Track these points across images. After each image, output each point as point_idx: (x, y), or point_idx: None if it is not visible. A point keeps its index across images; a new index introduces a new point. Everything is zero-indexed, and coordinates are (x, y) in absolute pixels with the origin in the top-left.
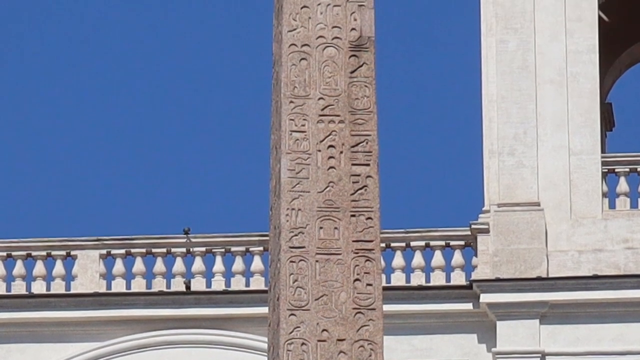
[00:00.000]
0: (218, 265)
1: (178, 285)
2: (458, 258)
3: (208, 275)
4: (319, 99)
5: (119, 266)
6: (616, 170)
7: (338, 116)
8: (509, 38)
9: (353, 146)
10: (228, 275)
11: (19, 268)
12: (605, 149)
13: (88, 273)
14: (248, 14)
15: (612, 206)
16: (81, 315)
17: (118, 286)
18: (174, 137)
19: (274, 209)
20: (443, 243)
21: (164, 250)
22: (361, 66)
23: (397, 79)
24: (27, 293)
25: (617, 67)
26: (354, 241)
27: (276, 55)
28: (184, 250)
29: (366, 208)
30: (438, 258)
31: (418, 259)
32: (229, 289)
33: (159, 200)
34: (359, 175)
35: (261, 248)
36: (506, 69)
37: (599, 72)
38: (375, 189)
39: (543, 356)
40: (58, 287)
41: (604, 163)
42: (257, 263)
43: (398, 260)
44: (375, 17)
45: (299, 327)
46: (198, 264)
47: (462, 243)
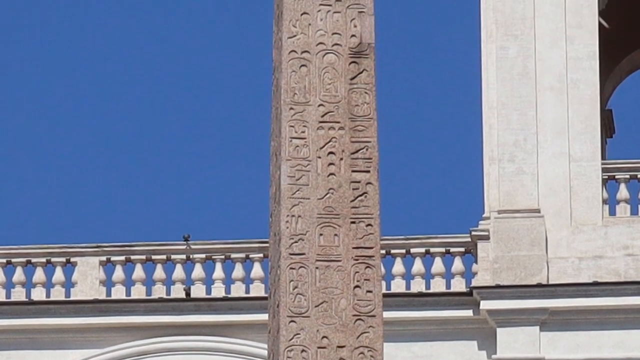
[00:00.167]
0: (218, 272)
1: (178, 292)
2: (458, 265)
3: (208, 282)
4: (319, 106)
5: (119, 273)
6: (616, 177)
7: (338, 123)
8: (509, 44)
9: (353, 153)
10: (228, 282)
11: (19, 275)
12: (605, 156)
13: (88, 280)
14: (248, 21)
15: (613, 213)
16: (81, 322)
17: (118, 293)
18: (174, 144)
19: (274, 216)
20: (443, 250)
21: (164, 257)
22: (361, 73)
23: (397, 86)
24: (27, 300)
25: (618, 74)
26: (354, 248)
27: (276, 61)
28: (184, 257)
29: (366, 215)
30: (438, 265)
31: (418, 266)
32: (229, 296)
33: (159, 207)
34: (359, 181)
35: (261, 255)
36: (506, 76)
37: (599, 79)
38: (375, 196)
39: None
40: (58, 294)
41: (604, 170)
42: (257, 270)
43: (398, 267)
44: (375, 24)
45: (299, 334)
46: (198, 271)
47: (462, 250)
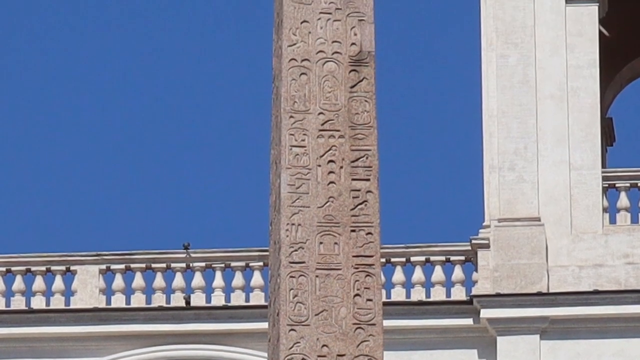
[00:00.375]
0: (218, 280)
1: (178, 300)
2: (458, 273)
3: (208, 290)
4: (319, 114)
5: (119, 281)
6: (617, 185)
7: (338, 131)
8: (510, 53)
9: (353, 161)
10: (228, 290)
11: (19, 283)
12: (605, 164)
13: (88, 288)
14: (248, 29)
15: (613, 221)
16: (81, 330)
17: (118, 301)
18: (174, 152)
19: (274, 224)
20: (443, 258)
21: (164, 265)
22: (361, 81)
23: (398, 94)
24: (27, 308)
25: (618, 82)
26: (354, 256)
27: (276, 70)
28: (184, 265)
29: (366, 223)
30: (438, 273)
31: (418, 274)
32: (229, 304)
33: (159, 215)
34: (359, 190)
35: (261, 263)
36: (506, 84)
37: (600, 87)
38: (375, 204)
39: None
40: (57, 303)
41: (605, 178)
42: (257, 278)
43: (398, 275)
44: (375, 32)
45: (299, 343)
46: (198, 279)
47: (463, 258)
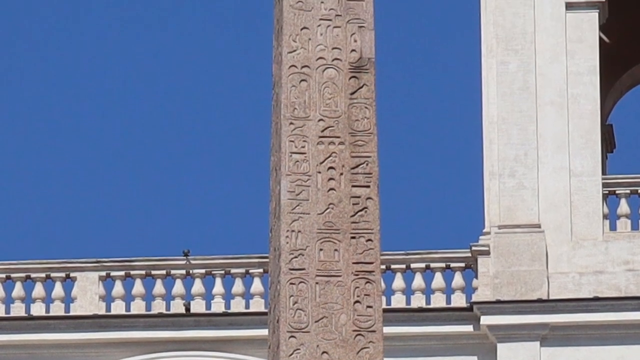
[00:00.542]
0: (218, 287)
1: (178, 307)
2: (458, 280)
3: (208, 297)
4: (319, 121)
5: (119, 288)
6: (617, 192)
7: (338, 138)
8: (510, 59)
9: (353, 168)
10: (228, 297)
11: (18, 290)
12: (606, 171)
13: (87, 295)
14: (248, 35)
15: (613, 228)
16: (80, 337)
17: (117, 308)
18: (174, 158)
19: (274, 231)
20: (443, 265)
21: (164, 272)
22: (361, 87)
23: (398, 101)
24: (26, 315)
25: (618, 89)
26: (354, 263)
27: (276, 76)
28: (184, 272)
29: (366, 230)
30: (438, 280)
31: (418, 281)
32: (229, 311)
33: (159, 222)
34: (359, 197)
35: (261, 270)
36: (507, 90)
37: (600, 94)
38: (375, 211)
39: None
40: (57, 309)
41: (605, 185)
42: (257, 285)
43: (398, 282)
44: (375, 39)
45: (299, 350)
46: (198, 286)
47: (463, 265)
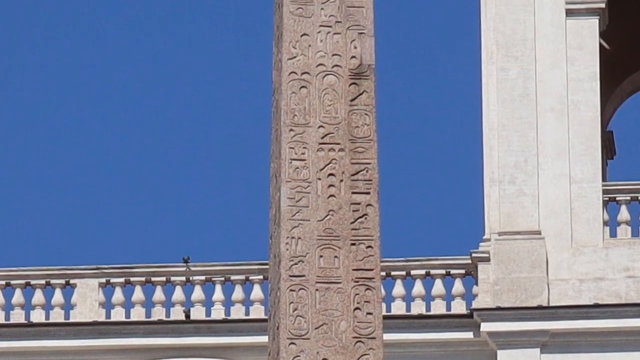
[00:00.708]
0: (218, 293)
1: (177, 314)
2: (458, 287)
3: (208, 303)
4: (319, 127)
5: (119, 295)
6: (617, 198)
7: (338, 144)
8: (510, 66)
9: (353, 174)
10: (228, 303)
11: (18, 297)
12: (606, 177)
13: (87, 302)
14: (248, 42)
15: (613, 235)
16: (80, 344)
17: (117, 315)
18: (174, 165)
19: (274, 238)
20: (443, 272)
21: (164, 278)
22: (361, 94)
23: (398, 107)
24: (26, 322)
25: (618, 95)
26: (354, 270)
27: (276, 83)
28: (184, 278)
29: (366, 236)
30: (438, 287)
31: (418, 288)
32: (229, 318)
33: (159, 228)
34: (359, 203)
35: (261, 277)
36: (507, 97)
37: (600, 100)
38: (375, 218)
39: None
40: (57, 316)
41: (605, 191)
42: (257, 292)
43: (398, 288)
44: (375, 45)
45: (299, 356)
46: (198, 293)
47: (463, 272)
